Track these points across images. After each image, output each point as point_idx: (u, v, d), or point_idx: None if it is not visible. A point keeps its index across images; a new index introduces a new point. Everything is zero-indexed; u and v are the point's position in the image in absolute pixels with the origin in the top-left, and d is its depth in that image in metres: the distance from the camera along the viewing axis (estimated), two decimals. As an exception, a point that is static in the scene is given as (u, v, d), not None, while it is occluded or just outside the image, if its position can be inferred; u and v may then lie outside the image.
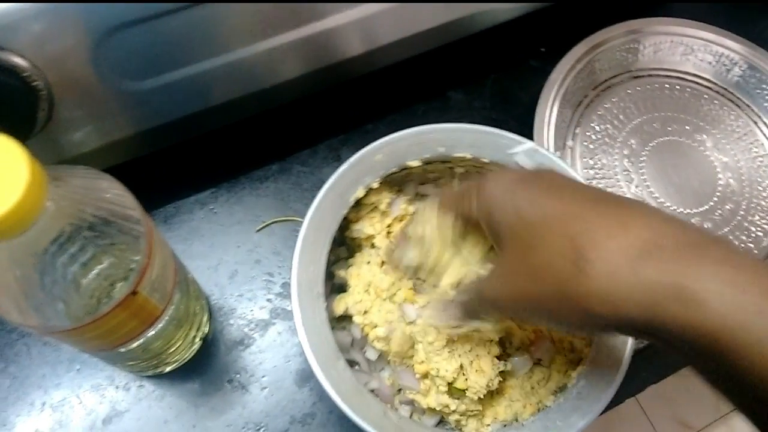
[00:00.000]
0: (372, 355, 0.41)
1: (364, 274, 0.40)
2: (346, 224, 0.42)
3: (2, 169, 0.22)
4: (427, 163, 0.41)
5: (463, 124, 0.41)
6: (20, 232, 0.23)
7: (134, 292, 0.29)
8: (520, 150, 0.41)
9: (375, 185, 0.40)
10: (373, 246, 0.42)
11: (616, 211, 0.25)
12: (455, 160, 0.42)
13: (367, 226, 0.42)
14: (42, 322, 0.27)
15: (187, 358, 0.43)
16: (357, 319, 0.39)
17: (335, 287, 0.43)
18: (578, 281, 0.24)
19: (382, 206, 0.42)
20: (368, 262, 0.41)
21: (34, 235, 0.24)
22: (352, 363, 0.41)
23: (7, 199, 0.21)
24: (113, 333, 0.30)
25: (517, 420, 0.39)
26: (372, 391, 0.40)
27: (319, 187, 0.39)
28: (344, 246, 0.44)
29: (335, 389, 0.34)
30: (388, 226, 0.43)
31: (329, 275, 0.42)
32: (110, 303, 0.28)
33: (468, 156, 0.41)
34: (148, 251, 0.29)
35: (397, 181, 0.44)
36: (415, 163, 0.41)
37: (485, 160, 0.41)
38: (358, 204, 0.41)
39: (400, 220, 0.43)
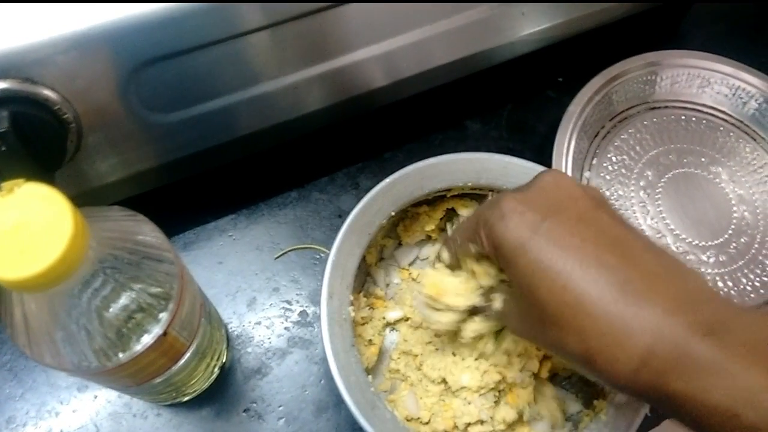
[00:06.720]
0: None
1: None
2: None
3: (45, 220, 0.22)
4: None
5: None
6: (62, 281, 0.23)
7: (165, 333, 0.29)
8: None
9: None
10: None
11: (627, 312, 0.26)
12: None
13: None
14: (74, 364, 0.27)
15: (205, 388, 0.43)
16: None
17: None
18: (590, 366, 0.27)
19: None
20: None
21: (70, 281, 0.24)
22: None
23: (51, 252, 0.21)
24: (141, 372, 0.30)
25: None
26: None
27: (338, 216, 0.39)
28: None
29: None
30: None
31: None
32: (142, 346, 0.28)
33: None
34: (179, 292, 0.29)
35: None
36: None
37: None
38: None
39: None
